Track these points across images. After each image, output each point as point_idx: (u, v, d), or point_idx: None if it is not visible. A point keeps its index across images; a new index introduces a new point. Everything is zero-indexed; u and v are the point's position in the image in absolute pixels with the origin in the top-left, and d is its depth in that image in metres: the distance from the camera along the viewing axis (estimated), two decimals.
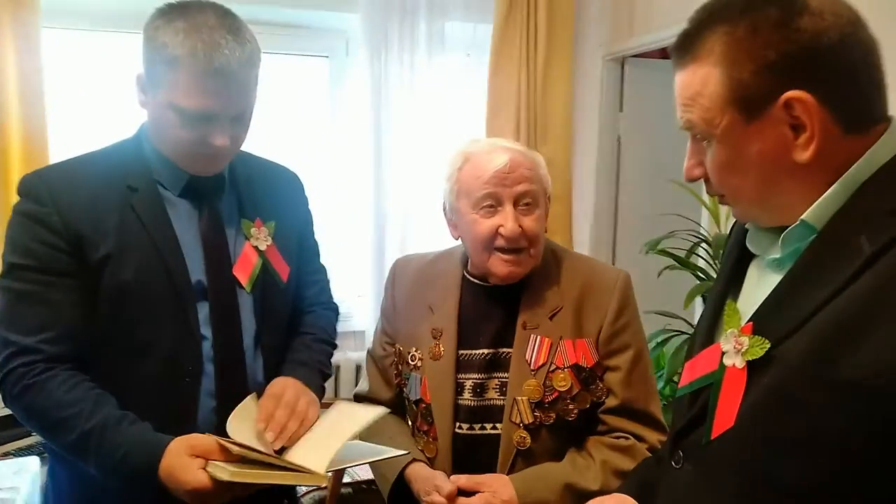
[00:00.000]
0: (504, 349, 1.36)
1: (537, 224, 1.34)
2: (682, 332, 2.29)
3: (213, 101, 1.16)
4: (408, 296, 1.48)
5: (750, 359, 0.79)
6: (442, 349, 1.38)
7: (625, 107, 3.22)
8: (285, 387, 1.26)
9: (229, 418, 1.18)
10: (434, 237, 3.11)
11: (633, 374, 1.35)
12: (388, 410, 1.31)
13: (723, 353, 0.83)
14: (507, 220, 1.31)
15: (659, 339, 2.28)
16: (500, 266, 1.34)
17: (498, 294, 1.39)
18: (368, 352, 1.58)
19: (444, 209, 1.44)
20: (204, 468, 1.06)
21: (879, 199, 0.75)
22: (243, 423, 1.16)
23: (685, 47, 0.82)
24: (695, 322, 2.49)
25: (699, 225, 2.49)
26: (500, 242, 1.33)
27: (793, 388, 0.74)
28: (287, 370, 1.33)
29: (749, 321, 0.82)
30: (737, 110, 0.78)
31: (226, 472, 1.02)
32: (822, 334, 0.72)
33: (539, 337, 1.34)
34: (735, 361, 0.81)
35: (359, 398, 1.57)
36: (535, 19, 3.04)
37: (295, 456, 1.12)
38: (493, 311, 1.39)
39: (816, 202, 0.78)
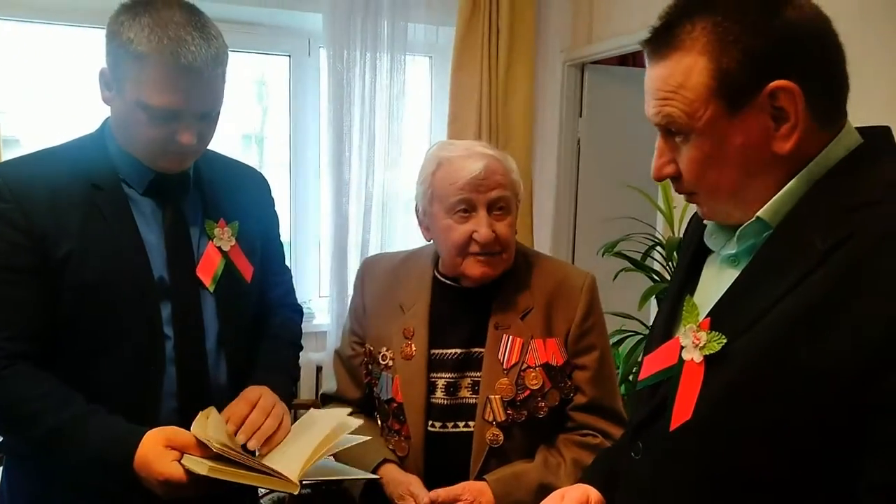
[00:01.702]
0: (476, 349, 1.38)
1: (509, 230, 1.37)
2: (637, 333, 2.35)
3: (179, 99, 1.15)
4: (378, 295, 1.49)
5: (707, 353, 0.81)
6: (414, 349, 1.39)
7: (584, 111, 3.28)
8: (261, 393, 1.25)
9: (192, 426, 1.16)
10: (395, 237, 3.13)
11: (600, 372, 1.40)
12: (351, 410, 1.32)
13: (682, 348, 0.86)
14: (480, 227, 1.33)
15: (615, 340, 2.34)
16: (474, 267, 1.36)
17: (470, 295, 1.41)
18: (336, 351, 1.58)
19: (417, 211, 1.45)
20: (178, 461, 1.06)
21: (833, 196, 0.77)
22: (207, 430, 1.15)
23: (664, 38, 0.81)
24: (650, 323, 2.55)
25: (654, 228, 2.56)
26: (474, 248, 1.35)
27: (748, 382, 0.77)
28: (260, 375, 1.33)
29: (707, 317, 0.84)
30: (721, 101, 0.77)
31: (203, 466, 1.03)
32: (776, 330, 0.75)
33: (511, 337, 1.36)
34: (693, 356, 0.83)
35: (326, 398, 1.57)
36: (497, 24, 3.08)
37: (269, 461, 1.13)
38: (465, 311, 1.41)
39: (771, 200, 0.80)
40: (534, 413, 1.36)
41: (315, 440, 1.15)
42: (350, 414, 1.47)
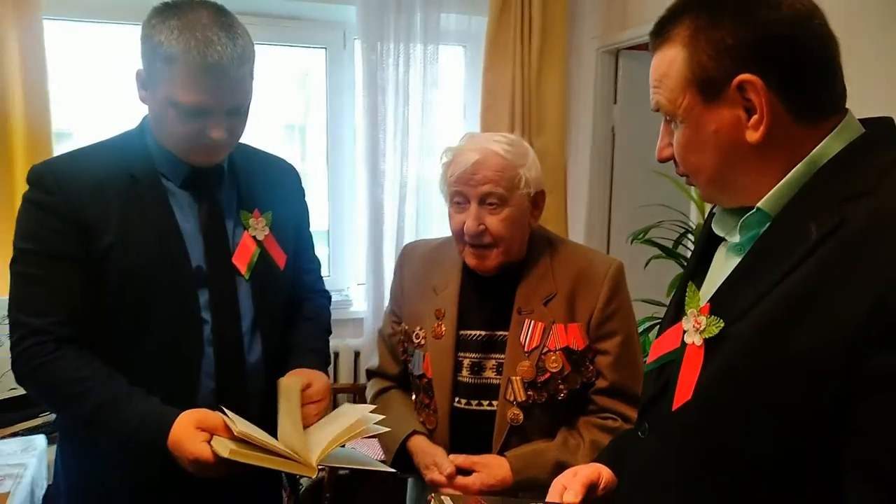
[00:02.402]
0: (500, 332, 1.44)
1: (502, 223, 1.39)
2: None
3: (207, 96, 1.22)
4: (414, 278, 1.57)
5: (707, 337, 0.85)
6: (443, 328, 1.47)
7: (619, 98, 3.27)
8: (311, 379, 1.37)
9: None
10: (429, 226, 3.18)
11: (622, 358, 1.43)
12: (381, 417, 1.37)
13: (684, 332, 0.90)
14: (468, 219, 1.40)
15: (644, 327, 2.34)
16: (469, 258, 1.45)
17: (495, 281, 1.47)
18: (379, 330, 1.68)
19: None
20: (208, 442, 1.13)
21: (830, 188, 0.80)
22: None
23: (658, 32, 0.89)
24: None
25: (686, 216, 2.55)
26: (466, 238, 1.42)
27: (743, 364, 0.80)
28: (304, 358, 1.43)
29: (707, 302, 0.88)
30: (696, 91, 0.84)
31: (226, 449, 1.08)
32: (768, 314, 0.78)
33: (533, 321, 1.42)
34: (694, 339, 0.87)
35: (370, 373, 1.67)
36: (530, 12, 3.09)
37: (291, 445, 1.18)
38: (491, 295, 1.47)
39: (771, 191, 0.84)
40: (554, 395, 1.40)
41: (337, 429, 1.20)
42: (390, 388, 1.60)
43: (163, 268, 1.28)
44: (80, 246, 1.23)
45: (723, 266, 0.93)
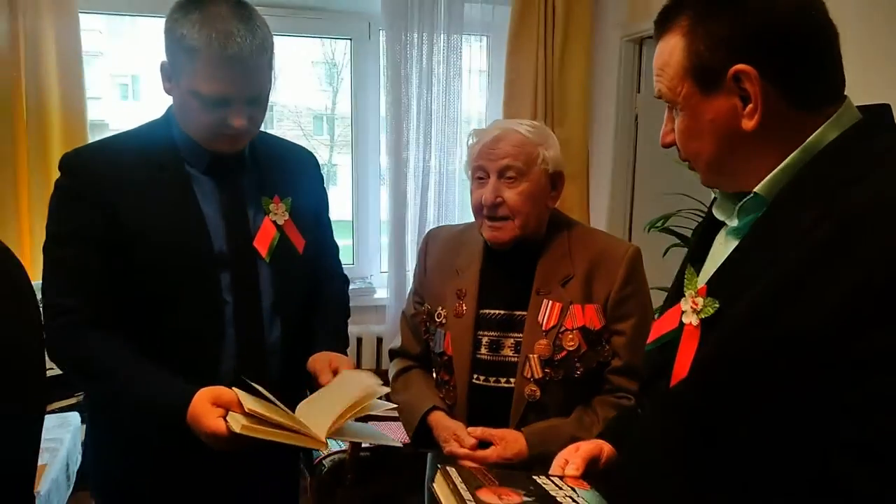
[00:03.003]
0: (519, 312, 1.49)
1: (519, 196, 1.45)
2: None
3: (228, 87, 1.27)
4: (438, 260, 1.64)
5: (703, 317, 0.88)
6: (464, 308, 1.52)
7: (642, 87, 3.25)
8: (338, 364, 1.40)
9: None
10: (451, 214, 3.22)
11: (637, 339, 1.45)
12: (386, 391, 1.42)
13: (682, 313, 0.92)
14: (486, 191, 1.46)
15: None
16: (486, 230, 1.50)
17: (515, 262, 1.52)
18: (402, 311, 1.74)
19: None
20: (224, 417, 1.18)
21: (825, 173, 0.82)
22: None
23: (661, 21, 0.91)
24: None
25: (704, 205, 2.53)
26: (484, 210, 1.47)
27: (735, 344, 0.82)
28: (322, 341, 1.48)
29: (705, 284, 0.91)
30: (693, 80, 0.86)
31: (238, 424, 1.13)
32: (762, 296, 0.80)
33: (551, 301, 1.46)
34: (691, 320, 0.90)
35: (393, 353, 1.73)
36: (553, 1, 3.09)
37: (301, 418, 1.21)
38: (511, 276, 1.52)
39: (768, 176, 0.86)
40: (570, 373, 1.45)
41: (345, 403, 1.25)
42: (412, 367, 1.65)
43: (186, 251, 1.34)
44: (107, 230, 1.29)
45: (721, 249, 0.95)
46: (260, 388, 1.20)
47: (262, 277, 1.43)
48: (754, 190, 0.87)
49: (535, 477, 1.00)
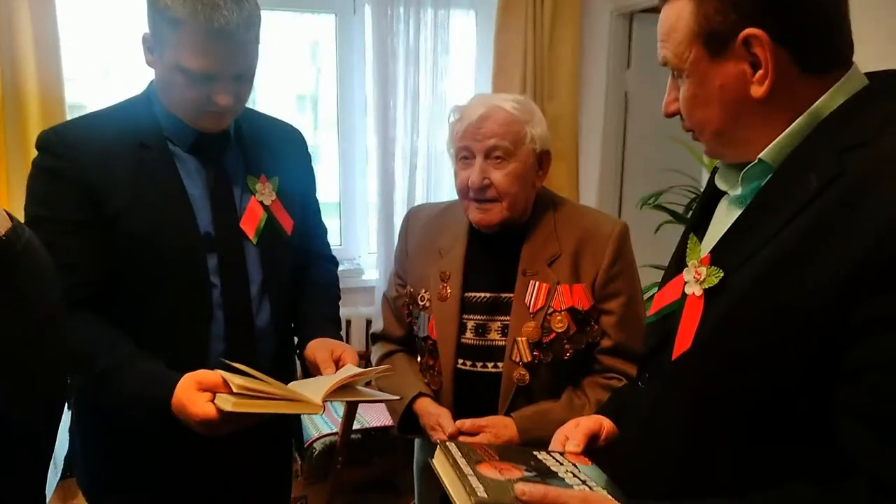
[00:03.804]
0: (505, 294, 1.45)
1: (507, 178, 1.40)
2: None
3: (214, 62, 1.22)
4: (420, 241, 1.58)
5: (707, 287, 0.86)
6: (449, 291, 1.48)
7: (632, 63, 3.22)
8: (331, 347, 1.36)
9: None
10: (440, 194, 3.18)
11: (626, 318, 1.44)
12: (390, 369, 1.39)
13: (685, 283, 0.90)
14: (472, 172, 1.40)
15: (654, 292, 2.34)
16: (473, 213, 1.45)
17: (500, 242, 1.48)
18: (384, 294, 1.69)
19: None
20: (211, 401, 1.14)
21: (831, 139, 0.80)
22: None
23: None
24: None
25: (697, 181, 2.52)
26: (470, 194, 1.42)
27: (741, 312, 0.80)
28: (317, 326, 1.44)
29: (708, 253, 0.89)
30: (702, 45, 0.83)
31: (228, 402, 1.09)
32: (765, 264, 0.79)
33: (538, 283, 1.42)
34: (694, 290, 0.88)
35: (375, 337, 1.69)
36: None
37: (296, 387, 1.19)
38: (496, 257, 1.48)
39: (773, 142, 0.84)
40: (559, 355, 1.41)
41: (344, 373, 1.22)
42: (395, 352, 1.62)
43: (171, 233, 1.29)
44: (91, 211, 1.25)
45: (724, 219, 0.93)
46: (244, 368, 1.16)
47: (250, 259, 1.40)
48: (759, 156, 0.85)
49: (535, 452, 0.99)
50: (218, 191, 1.37)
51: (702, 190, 2.40)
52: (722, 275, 0.84)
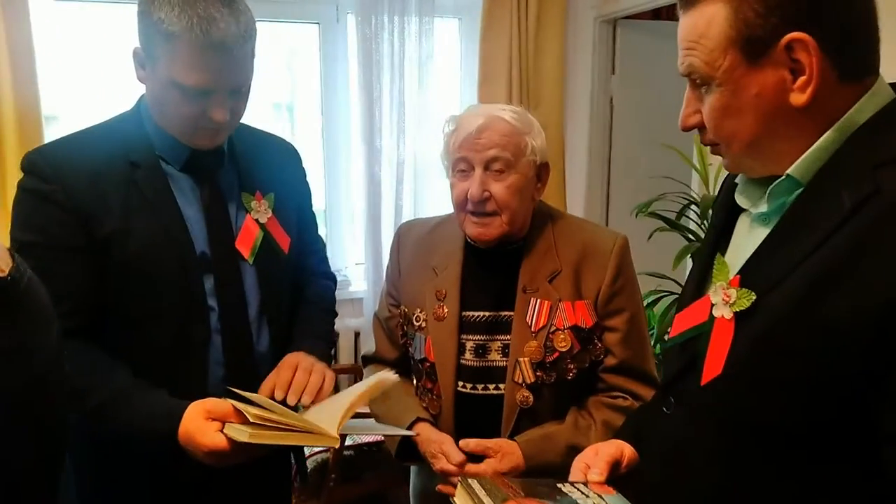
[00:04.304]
0: (505, 312, 1.40)
1: (507, 190, 1.35)
2: (672, 293, 2.34)
3: (211, 76, 1.17)
4: (412, 259, 1.52)
5: (738, 310, 0.83)
6: (445, 310, 1.42)
7: (617, 69, 3.22)
8: (298, 358, 1.31)
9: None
10: (428, 203, 3.15)
11: (631, 334, 1.40)
12: (393, 372, 1.33)
13: (712, 305, 0.87)
14: (472, 185, 1.34)
15: (649, 300, 2.33)
16: (470, 227, 1.39)
17: (498, 258, 1.42)
18: (375, 314, 1.62)
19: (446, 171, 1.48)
20: (221, 430, 1.10)
21: (862, 153, 0.78)
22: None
23: None
24: (684, 283, 2.54)
25: (688, 187, 2.52)
26: (469, 207, 1.36)
27: (777, 335, 0.78)
28: (299, 342, 1.38)
29: (737, 274, 0.86)
30: (739, 51, 0.79)
31: (244, 433, 1.05)
32: (804, 284, 0.76)
33: (539, 300, 1.37)
34: (723, 313, 0.85)
35: (366, 360, 1.62)
36: None
37: (309, 418, 1.16)
38: (494, 274, 1.43)
39: (801, 157, 0.81)
40: (563, 375, 1.37)
41: (353, 394, 1.18)
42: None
43: (167, 255, 1.24)
44: (82, 235, 1.19)
45: (747, 237, 0.91)
46: (251, 396, 1.12)
47: (247, 280, 1.35)
48: (787, 172, 0.82)
49: (559, 485, 0.95)
50: (213, 210, 1.32)
51: (694, 196, 2.42)
52: (754, 297, 0.81)
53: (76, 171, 1.21)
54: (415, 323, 1.46)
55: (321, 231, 1.66)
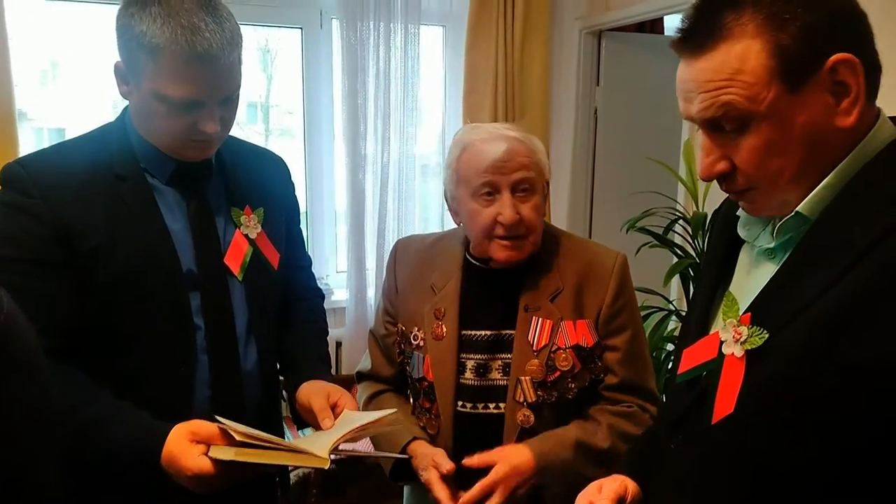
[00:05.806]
0: (506, 331, 1.38)
1: (535, 212, 1.34)
2: (661, 309, 2.33)
3: (199, 88, 1.13)
4: (410, 276, 1.50)
5: (749, 348, 0.81)
6: (444, 329, 1.40)
7: (602, 80, 3.23)
8: (327, 389, 1.29)
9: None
10: (412, 210, 3.12)
11: (632, 353, 1.40)
12: (395, 411, 1.30)
13: (721, 343, 0.85)
14: (504, 209, 1.32)
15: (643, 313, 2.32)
16: (499, 251, 1.36)
17: (499, 277, 1.41)
18: (371, 330, 1.59)
19: (446, 196, 1.45)
20: (205, 454, 1.05)
21: (873, 188, 0.77)
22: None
23: (705, 32, 0.79)
24: (672, 298, 2.54)
25: (676, 202, 2.52)
26: (499, 231, 1.34)
27: (790, 377, 0.76)
28: (308, 369, 1.36)
29: (747, 311, 0.83)
30: (783, 80, 0.76)
31: (230, 452, 1.01)
32: (817, 324, 0.74)
33: (540, 319, 1.36)
34: (734, 350, 0.83)
35: (361, 376, 1.59)
36: None
37: (300, 443, 1.13)
38: (495, 293, 1.41)
39: (811, 194, 0.79)
40: (564, 393, 1.36)
41: (354, 424, 1.15)
42: (384, 392, 1.53)
43: (152, 272, 1.20)
44: (64, 251, 1.14)
45: (752, 272, 0.89)
46: (238, 426, 1.08)
47: (235, 297, 1.30)
48: (796, 209, 0.80)
49: None
50: (200, 225, 1.27)
51: (681, 211, 2.42)
52: (767, 336, 0.79)
53: (59, 184, 1.16)
54: (413, 341, 1.44)
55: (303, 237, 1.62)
